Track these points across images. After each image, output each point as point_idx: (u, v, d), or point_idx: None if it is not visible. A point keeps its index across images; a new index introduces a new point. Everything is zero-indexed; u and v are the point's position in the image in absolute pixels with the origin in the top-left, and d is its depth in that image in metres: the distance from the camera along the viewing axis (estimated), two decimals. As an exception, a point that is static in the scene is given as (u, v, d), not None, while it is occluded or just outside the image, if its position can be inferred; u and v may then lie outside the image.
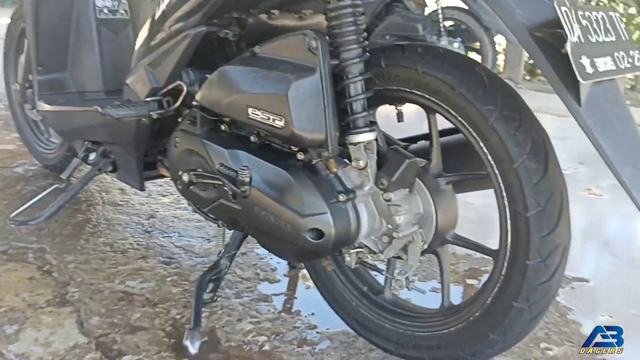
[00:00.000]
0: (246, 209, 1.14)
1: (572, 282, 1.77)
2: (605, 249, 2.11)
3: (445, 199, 1.13)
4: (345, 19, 1.04)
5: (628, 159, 0.87)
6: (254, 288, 1.59)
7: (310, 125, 1.06)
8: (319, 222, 1.05)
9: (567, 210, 0.99)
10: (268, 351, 1.32)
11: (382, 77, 1.10)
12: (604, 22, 0.94)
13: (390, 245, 1.13)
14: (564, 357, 1.37)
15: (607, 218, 2.46)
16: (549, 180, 0.97)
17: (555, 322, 1.52)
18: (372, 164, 1.10)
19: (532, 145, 0.97)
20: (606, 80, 0.89)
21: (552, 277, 1.00)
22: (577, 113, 0.85)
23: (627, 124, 0.92)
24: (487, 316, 1.07)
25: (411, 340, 1.20)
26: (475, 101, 0.99)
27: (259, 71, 1.11)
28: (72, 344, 1.28)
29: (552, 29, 0.85)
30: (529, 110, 1.00)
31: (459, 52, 1.09)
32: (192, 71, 1.33)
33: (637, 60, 0.99)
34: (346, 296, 1.31)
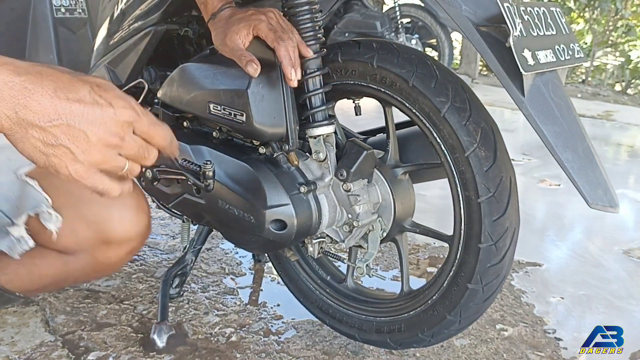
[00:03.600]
0: (210, 203, 1.17)
1: (526, 266, 1.85)
2: (559, 236, 2.20)
3: (403, 188, 1.18)
4: (302, 16, 1.07)
5: (569, 144, 0.93)
6: (220, 282, 1.61)
7: (271, 119, 1.09)
8: (281, 214, 1.09)
9: (515, 195, 1.05)
10: (235, 342, 1.34)
11: (339, 72, 1.13)
12: (545, 17, 0.99)
13: (351, 234, 1.17)
14: (519, 337, 1.44)
15: (562, 206, 2.56)
16: (498, 168, 1.02)
17: (510, 304, 1.59)
18: (332, 156, 1.13)
19: (482, 135, 1.02)
20: (548, 71, 0.95)
21: (503, 258, 1.05)
22: (520, 102, 0.90)
23: (568, 112, 0.97)
24: (444, 298, 1.12)
25: (373, 325, 1.24)
26: (428, 93, 1.04)
27: (219, 68, 1.14)
28: (38, 342, 1.28)
29: (496, 23, 0.90)
30: (478, 101, 1.05)
31: (412, 47, 1.14)
32: (153, 69, 1.35)
33: (577, 53, 1.06)
34: (310, 285, 1.34)
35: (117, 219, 0.92)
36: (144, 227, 0.97)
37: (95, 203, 0.90)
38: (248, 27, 1.02)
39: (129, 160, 0.66)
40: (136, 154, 0.66)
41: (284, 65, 1.02)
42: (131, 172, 0.67)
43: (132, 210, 0.94)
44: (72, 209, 0.89)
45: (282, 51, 1.01)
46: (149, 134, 0.67)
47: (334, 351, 1.33)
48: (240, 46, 1.02)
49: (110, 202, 0.91)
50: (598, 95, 6.24)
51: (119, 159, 0.65)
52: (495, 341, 1.41)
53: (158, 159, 0.70)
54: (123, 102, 0.64)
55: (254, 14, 1.03)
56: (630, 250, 2.06)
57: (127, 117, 0.64)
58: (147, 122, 0.67)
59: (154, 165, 1.25)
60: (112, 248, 0.93)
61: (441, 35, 5.00)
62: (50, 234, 0.86)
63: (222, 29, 1.04)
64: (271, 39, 1.02)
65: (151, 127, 0.67)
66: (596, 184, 0.93)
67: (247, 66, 1.01)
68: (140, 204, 0.97)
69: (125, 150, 0.65)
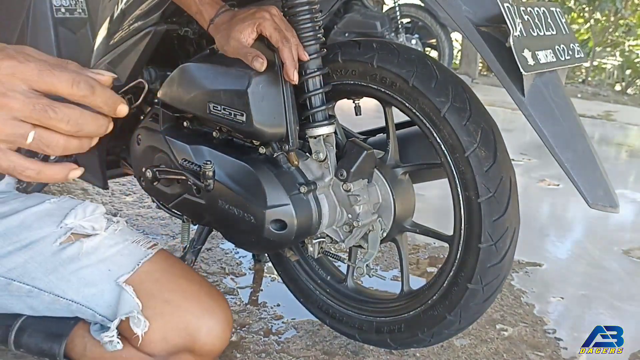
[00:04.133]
0: (210, 203, 1.17)
1: (526, 266, 1.85)
2: (559, 236, 2.20)
3: (403, 188, 1.18)
4: (302, 16, 1.07)
5: (569, 144, 0.93)
6: (220, 282, 1.61)
7: (271, 119, 1.09)
8: (281, 214, 1.08)
9: (515, 195, 1.05)
10: (235, 342, 1.34)
11: (339, 72, 1.13)
12: (545, 17, 0.99)
13: (351, 235, 1.17)
14: (518, 337, 1.44)
15: (562, 206, 2.56)
16: (499, 167, 1.02)
17: (510, 304, 1.59)
18: (332, 156, 1.13)
19: (482, 135, 1.02)
20: (548, 71, 0.95)
21: (503, 258, 1.05)
22: (520, 102, 0.90)
23: (568, 112, 0.97)
24: (444, 298, 1.12)
25: (373, 325, 1.24)
26: (428, 94, 1.04)
27: (219, 68, 1.14)
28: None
29: (496, 23, 0.90)
30: (478, 101, 1.05)
31: (412, 47, 1.14)
32: (153, 69, 1.35)
33: (577, 53, 1.06)
34: (310, 285, 1.34)
35: (206, 331, 0.94)
36: (225, 343, 0.98)
37: (189, 313, 0.93)
38: (252, 25, 1.02)
39: (35, 128, 0.53)
40: (35, 114, 0.52)
41: (287, 67, 1.02)
42: (43, 142, 0.54)
43: (221, 325, 0.96)
44: (167, 317, 0.92)
45: (286, 53, 1.02)
46: (45, 82, 0.53)
47: (334, 351, 1.33)
48: (244, 43, 1.02)
49: (202, 313, 0.94)
50: (598, 95, 6.24)
51: (16, 124, 0.52)
52: (495, 341, 1.41)
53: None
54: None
55: (257, 12, 1.03)
56: (630, 250, 2.06)
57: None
58: (33, 67, 0.53)
59: (153, 165, 1.25)
60: (193, 357, 0.95)
61: (441, 35, 5.01)
62: (137, 338, 0.89)
63: (225, 31, 1.04)
64: (275, 39, 1.02)
65: (44, 73, 0.53)
66: (596, 184, 0.92)
67: (254, 61, 1.00)
68: (228, 319, 0.98)
69: (17, 109, 0.52)
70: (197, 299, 0.96)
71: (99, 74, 0.58)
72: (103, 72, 0.58)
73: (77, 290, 0.92)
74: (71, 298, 0.92)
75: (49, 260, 0.92)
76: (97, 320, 0.95)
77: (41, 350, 0.93)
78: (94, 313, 0.93)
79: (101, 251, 0.94)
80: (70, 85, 0.53)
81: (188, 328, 0.93)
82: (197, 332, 0.93)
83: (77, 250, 0.93)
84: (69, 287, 0.92)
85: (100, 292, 0.92)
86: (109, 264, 0.93)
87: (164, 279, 0.95)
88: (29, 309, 0.95)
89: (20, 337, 0.93)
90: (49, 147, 0.54)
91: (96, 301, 0.93)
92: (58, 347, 0.93)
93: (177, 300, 0.93)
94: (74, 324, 0.95)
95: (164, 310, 0.92)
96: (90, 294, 0.92)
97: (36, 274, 0.92)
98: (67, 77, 0.53)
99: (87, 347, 0.94)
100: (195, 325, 0.93)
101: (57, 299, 0.93)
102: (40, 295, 0.93)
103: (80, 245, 0.93)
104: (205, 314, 0.95)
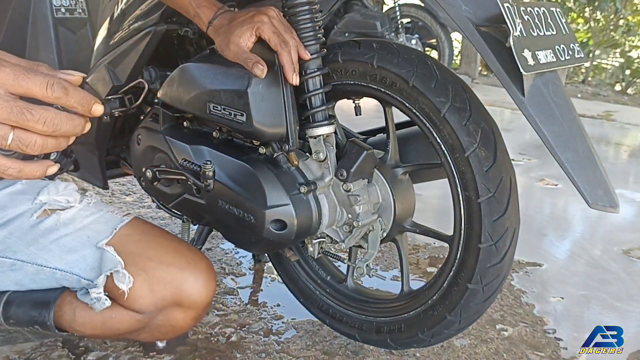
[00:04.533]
0: (210, 203, 1.17)
1: (526, 266, 1.85)
2: (559, 236, 2.20)
3: (403, 188, 1.18)
4: (302, 16, 1.07)
5: (569, 144, 0.93)
6: (220, 282, 1.61)
7: (271, 119, 1.09)
8: (281, 214, 1.08)
9: (515, 195, 1.05)
10: (235, 342, 1.34)
11: (339, 72, 1.13)
12: (545, 17, 0.99)
13: (351, 235, 1.17)
14: (518, 337, 1.44)
15: (562, 206, 2.56)
16: (499, 168, 1.02)
17: (510, 304, 1.59)
18: (332, 156, 1.13)
19: (482, 135, 1.02)
20: (548, 71, 0.95)
21: (503, 258, 1.05)
22: (520, 103, 0.90)
23: (568, 112, 0.97)
24: (444, 298, 1.12)
25: (373, 325, 1.25)
26: (428, 94, 1.04)
27: (219, 68, 1.14)
28: (38, 342, 1.28)
29: (496, 23, 0.90)
30: (478, 101, 1.05)
31: (412, 47, 1.14)
32: (153, 69, 1.35)
33: (577, 53, 1.06)
34: (310, 286, 1.34)
35: (192, 282, 0.99)
36: (211, 294, 1.03)
37: (172, 267, 0.98)
38: (251, 29, 1.02)
39: (14, 129, 0.56)
40: (13, 117, 0.55)
41: (286, 70, 1.03)
42: (22, 143, 0.57)
43: (204, 275, 1.01)
44: (151, 272, 0.96)
45: (285, 56, 1.02)
46: (20, 86, 0.56)
47: (334, 351, 1.33)
48: (244, 49, 1.02)
49: (185, 265, 0.98)
50: (598, 95, 6.24)
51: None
52: (495, 341, 1.41)
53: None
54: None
55: (255, 15, 1.03)
56: (630, 250, 2.06)
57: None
58: (9, 73, 0.55)
59: (153, 165, 1.26)
60: (182, 311, 1.00)
61: (441, 35, 5.01)
62: (123, 293, 0.93)
63: (224, 34, 1.04)
64: (274, 42, 1.02)
65: (20, 77, 0.55)
66: (596, 184, 0.92)
67: (254, 68, 1.01)
68: (211, 271, 1.03)
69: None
70: (179, 254, 1.00)
71: (69, 74, 0.60)
72: (72, 73, 0.61)
73: (60, 257, 0.96)
74: (54, 266, 0.96)
75: (28, 233, 0.97)
76: (82, 285, 0.98)
77: (31, 318, 0.96)
78: (79, 278, 0.96)
79: (78, 221, 0.99)
80: (44, 88, 0.56)
81: (174, 281, 0.97)
82: (183, 283, 0.97)
83: (54, 221, 0.98)
84: (51, 255, 0.96)
85: (82, 257, 0.96)
86: (87, 231, 0.98)
87: (144, 239, 1.01)
88: (14, 284, 0.98)
89: (8, 309, 0.96)
90: (27, 146, 0.57)
91: (79, 266, 0.96)
92: (47, 313, 0.96)
93: (160, 256, 0.97)
94: (60, 292, 0.98)
95: (147, 266, 0.96)
96: (72, 259, 0.96)
97: (17, 247, 0.96)
98: (41, 80, 0.56)
99: (76, 313, 0.98)
100: (180, 277, 0.97)
101: (40, 268, 0.96)
102: (23, 267, 0.96)
103: (57, 217, 0.98)
104: (189, 266, 0.99)
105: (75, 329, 0.99)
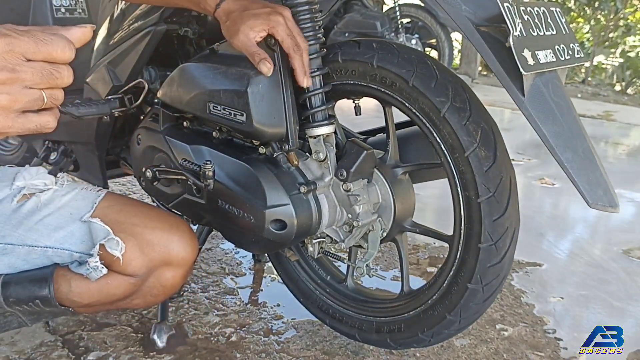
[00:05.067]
0: (210, 203, 1.17)
1: (526, 266, 1.85)
2: (558, 235, 2.20)
3: (403, 188, 1.18)
4: (302, 16, 1.07)
5: (569, 144, 0.93)
6: (220, 282, 1.61)
7: (271, 119, 1.09)
8: (281, 214, 1.08)
9: (515, 195, 1.05)
10: (235, 342, 1.34)
11: (339, 72, 1.13)
12: (545, 17, 0.99)
13: (351, 234, 1.17)
14: (518, 337, 1.44)
15: (561, 206, 2.56)
16: (498, 168, 1.02)
17: (510, 304, 1.59)
18: (332, 156, 1.13)
19: (482, 135, 1.02)
20: (547, 71, 0.95)
21: (503, 258, 1.05)
22: (520, 102, 0.90)
23: (568, 112, 0.97)
24: (444, 298, 1.12)
25: (373, 325, 1.24)
26: (428, 93, 1.04)
27: (219, 68, 1.14)
28: (38, 342, 1.28)
29: (496, 23, 0.90)
30: (478, 101, 1.05)
31: (412, 47, 1.14)
32: (153, 69, 1.35)
33: (577, 53, 1.06)
34: (310, 285, 1.34)
35: (177, 241, 1.05)
36: (196, 251, 1.09)
37: (157, 229, 1.04)
38: (265, 26, 1.01)
39: (43, 90, 0.61)
40: (44, 79, 0.61)
41: (298, 74, 1.04)
42: (54, 99, 0.63)
43: (188, 234, 1.07)
44: (138, 236, 1.02)
45: (298, 61, 1.03)
46: (42, 52, 0.60)
47: (334, 351, 1.33)
48: (253, 42, 1.01)
49: (168, 227, 1.05)
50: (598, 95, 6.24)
51: (30, 92, 0.60)
52: (495, 341, 1.41)
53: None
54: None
55: (272, 13, 1.02)
56: (630, 250, 2.06)
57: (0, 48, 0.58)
58: (29, 41, 0.59)
59: (153, 165, 1.26)
60: (171, 270, 1.05)
61: (441, 35, 5.01)
62: (118, 259, 0.98)
63: (234, 20, 1.02)
64: (287, 45, 1.02)
65: (39, 44, 0.60)
66: (596, 184, 0.92)
67: (260, 64, 1.01)
68: (192, 231, 1.10)
69: (28, 80, 0.60)
70: (161, 218, 1.07)
71: (82, 27, 0.65)
72: (84, 26, 0.65)
73: (48, 236, 1.00)
74: (45, 245, 1.01)
75: (12, 217, 1.01)
76: (74, 259, 1.02)
77: (31, 293, 1.00)
78: (71, 252, 1.01)
79: (57, 200, 1.04)
80: (64, 51, 0.61)
81: (161, 242, 1.03)
82: (170, 243, 1.04)
83: (34, 204, 1.02)
84: (40, 235, 1.00)
85: (70, 233, 1.01)
86: (68, 208, 1.03)
87: (126, 208, 1.06)
88: (7, 267, 1.01)
89: (7, 289, 0.99)
90: (57, 100, 0.63)
91: (69, 241, 1.01)
92: (46, 286, 1.00)
93: (144, 222, 1.04)
94: (54, 268, 1.02)
95: (134, 231, 1.02)
96: (60, 236, 1.01)
97: (4, 232, 1.00)
98: (58, 43, 0.61)
99: (72, 284, 1.02)
100: (167, 238, 1.04)
101: (32, 249, 1.00)
102: (15, 250, 1.00)
103: (37, 200, 1.03)
104: (172, 227, 1.06)
105: (72, 300, 1.02)
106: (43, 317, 1.10)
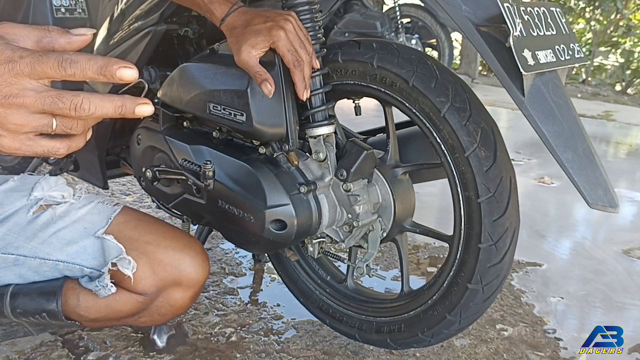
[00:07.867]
0: (210, 203, 1.17)
1: (526, 266, 1.85)
2: (559, 235, 2.20)
3: (403, 188, 1.18)
4: (302, 16, 1.07)
5: (569, 144, 0.93)
6: (220, 282, 1.61)
7: (271, 119, 1.09)
8: (281, 214, 1.08)
9: (515, 195, 1.05)
10: (235, 342, 1.34)
11: (339, 72, 1.13)
12: (545, 17, 0.99)
13: (351, 235, 1.17)
14: (518, 337, 1.44)
15: (561, 206, 2.56)
16: (498, 168, 1.02)
17: (510, 304, 1.59)
18: (332, 156, 1.13)
19: (482, 135, 1.02)
20: (548, 71, 0.95)
21: (503, 258, 1.05)
22: (520, 103, 0.90)
23: (568, 112, 0.97)
24: (444, 298, 1.12)
25: (373, 325, 1.24)
26: (428, 93, 1.04)
27: (220, 68, 1.14)
28: (38, 342, 1.28)
29: (496, 23, 0.90)
30: (478, 101, 1.05)
31: (412, 47, 1.14)
32: (153, 69, 1.35)
33: (577, 53, 1.06)
34: (310, 285, 1.34)
35: (189, 262, 1.05)
36: (207, 273, 1.10)
37: (170, 249, 1.04)
38: (266, 42, 1.01)
39: (55, 116, 0.57)
40: (47, 107, 0.56)
41: (298, 87, 1.04)
42: (67, 125, 0.58)
43: (200, 255, 1.08)
44: (150, 255, 1.02)
45: (298, 75, 1.03)
46: (37, 73, 0.55)
47: (334, 351, 1.33)
48: (255, 61, 1.02)
49: (181, 247, 1.05)
50: (598, 95, 6.24)
51: (37, 117, 0.56)
52: (495, 341, 1.41)
53: None
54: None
55: (273, 28, 1.00)
56: (630, 250, 2.06)
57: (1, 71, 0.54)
58: (31, 62, 0.55)
59: (153, 165, 1.25)
60: (181, 290, 1.05)
61: (441, 35, 5.01)
62: (129, 277, 0.99)
63: (237, 37, 1.03)
64: (288, 60, 1.02)
65: (33, 65, 0.55)
66: (596, 184, 0.92)
67: (262, 85, 1.01)
68: (204, 252, 1.10)
69: (32, 106, 0.56)
70: (175, 237, 1.07)
71: (79, 33, 0.60)
72: (83, 31, 0.61)
73: (61, 250, 1.00)
74: (57, 258, 1.00)
75: (27, 228, 1.00)
76: (85, 274, 1.02)
77: (39, 306, 1.00)
78: (82, 267, 1.01)
79: (72, 213, 1.04)
80: (57, 69, 0.55)
81: (173, 262, 1.03)
82: (181, 263, 1.04)
83: (50, 216, 1.02)
84: (52, 248, 1.00)
85: (82, 248, 1.01)
86: (83, 222, 1.03)
87: (141, 225, 1.06)
88: (17, 277, 1.02)
89: (15, 300, 0.99)
90: (71, 129, 0.58)
91: (81, 256, 1.01)
92: (55, 300, 1.00)
93: (157, 240, 1.04)
94: (63, 281, 1.02)
95: (147, 250, 1.02)
96: (73, 251, 1.01)
97: (18, 243, 1.00)
98: (52, 62, 0.55)
99: (80, 298, 1.02)
100: (178, 258, 1.04)
101: (43, 262, 1.00)
102: (26, 262, 1.00)
103: (53, 212, 1.02)
104: (185, 247, 1.06)
105: (79, 314, 1.02)
106: (49, 328, 1.11)
